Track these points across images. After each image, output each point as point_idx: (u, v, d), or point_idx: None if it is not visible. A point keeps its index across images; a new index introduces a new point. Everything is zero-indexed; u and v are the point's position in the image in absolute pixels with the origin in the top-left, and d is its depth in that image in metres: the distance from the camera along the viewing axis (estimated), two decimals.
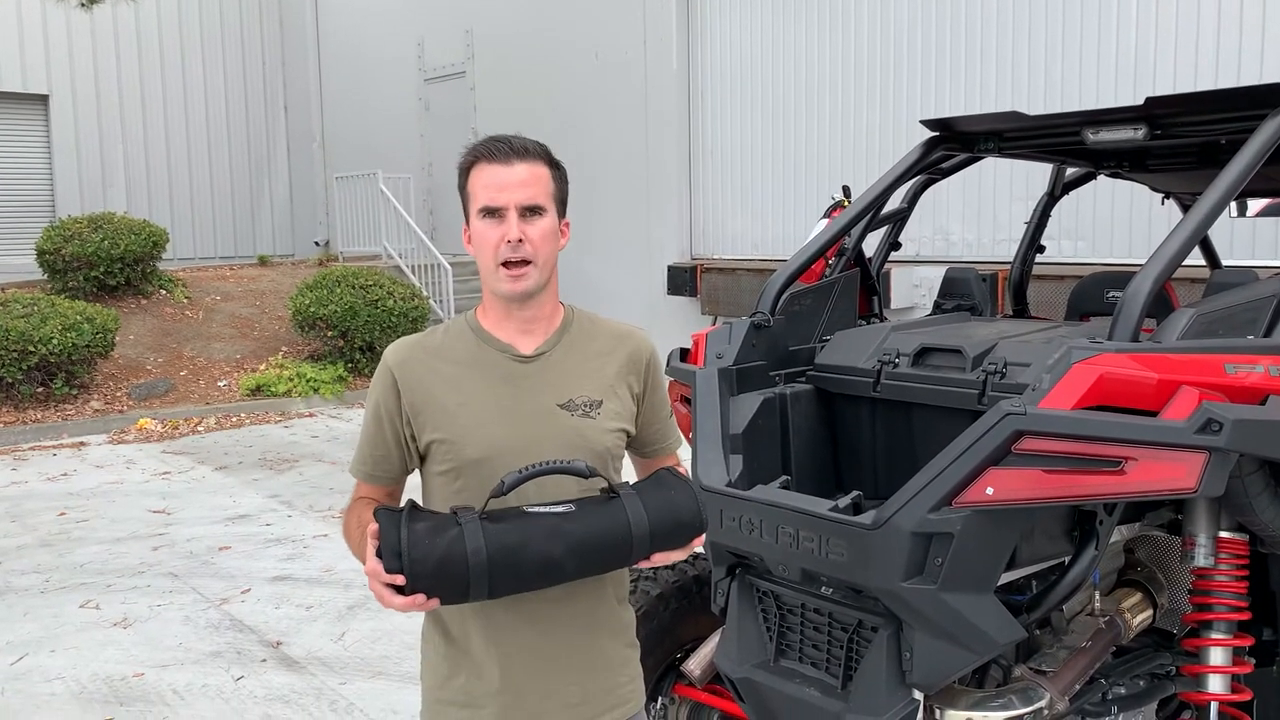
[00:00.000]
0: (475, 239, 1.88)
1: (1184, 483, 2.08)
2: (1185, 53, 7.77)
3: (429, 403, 1.90)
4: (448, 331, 1.99)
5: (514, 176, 1.86)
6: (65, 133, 15.20)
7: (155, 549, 6.20)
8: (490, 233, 1.85)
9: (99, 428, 9.68)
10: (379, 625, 4.97)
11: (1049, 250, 4.58)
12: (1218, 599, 2.61)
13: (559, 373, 1.95)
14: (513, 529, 1.72)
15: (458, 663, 1.93)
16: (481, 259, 1.88)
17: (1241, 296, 2.48)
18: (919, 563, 2.17)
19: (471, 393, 1.90)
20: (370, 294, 11.17)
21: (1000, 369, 2.53)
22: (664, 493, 1.83)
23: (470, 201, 1.88)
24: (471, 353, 1.94)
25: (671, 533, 1.81)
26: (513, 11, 13.46)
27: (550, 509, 1.76)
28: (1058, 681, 2.45)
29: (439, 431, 1.89)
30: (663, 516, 1.80)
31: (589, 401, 1.95)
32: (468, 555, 1.67)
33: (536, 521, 1.74)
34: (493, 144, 1.88)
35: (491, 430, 1.88)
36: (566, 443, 1.91)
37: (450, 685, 1.94)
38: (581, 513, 1.77)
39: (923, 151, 3.28)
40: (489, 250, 1.85)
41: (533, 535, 1.72)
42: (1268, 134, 2.51)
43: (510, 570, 1.71)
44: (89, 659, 4.65)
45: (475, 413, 1.89)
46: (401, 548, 1.64)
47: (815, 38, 10.28)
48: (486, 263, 1.87)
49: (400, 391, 1.90)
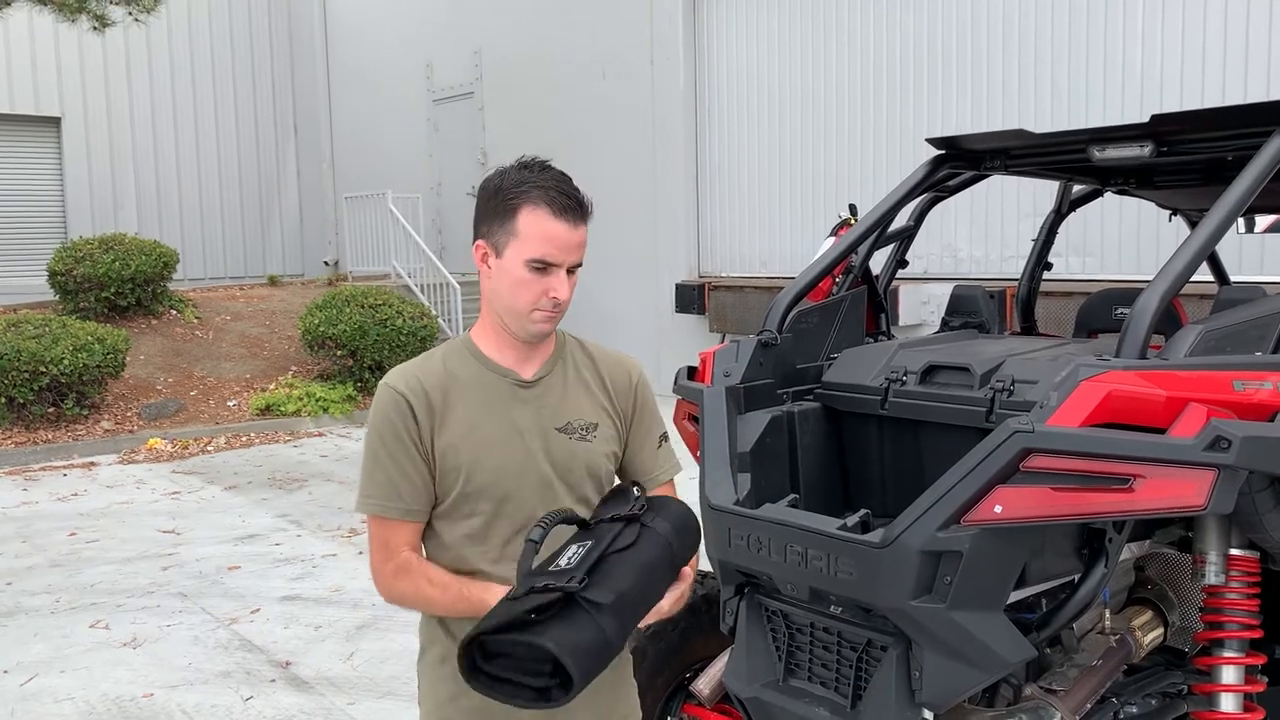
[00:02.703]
0: (514, 282, 1.86)
1: (1193, 500, 2.07)
2: (1192, 69, 7.78)
3: (443, 427, 1.89)
4: (447, 355, 1.98)
5: (576, 239, 1.87)
6: (77, 154, 15.32)
7: (165, 569, 6.21)
8: (535, 284, 1.85)
9: (109, 448, 9.71)
10: (388, 645, 4.96)
11: (1057, 267, 4.58)
12: (1229, 617, 2.59)
13: (557, 396, 1.97)
14: (620, 579, 1.73)
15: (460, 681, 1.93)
16: (515, 301, 1.87)
17: (1249, 313, 2.48)
18: (928, 581, 2.16)
19: (480, 418, 1.91)
20: (379, 313, 11.20)
21: (1008, 386, 2.53)
22: (666, 506, 1.89)
23: (515, 240, 1.85)
24: (475, 377, 1.94)
25: (690, 543, 1.86)
26: (520, 32, 13.54)
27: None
28: (1069, 700, 2.43)
29: (452, 455, 1.89)
30: (676, 523, 1.84)
31: (585, 424, 1.98)
32: (613, 647, 1.69)
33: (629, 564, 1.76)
34: (564, 199, 1.85)
35: (500, 455, 1.90)
36: (566, 466, 1.94)
37: (456, 704, 1.93)
38: (641, 542, 1.79)
39: (929, 170, 3.28)
40: (529, 297, 1.86)
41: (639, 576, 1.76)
42: (1274, 150, 2.51)
43: (634, 625, 1.76)
44: (98, 679, 4.65)
45: (485, 438, 1.90)
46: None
47: (822, 56, 10.32)
48: (520, 306, 1.87)
49: (417, 416, 1.88)
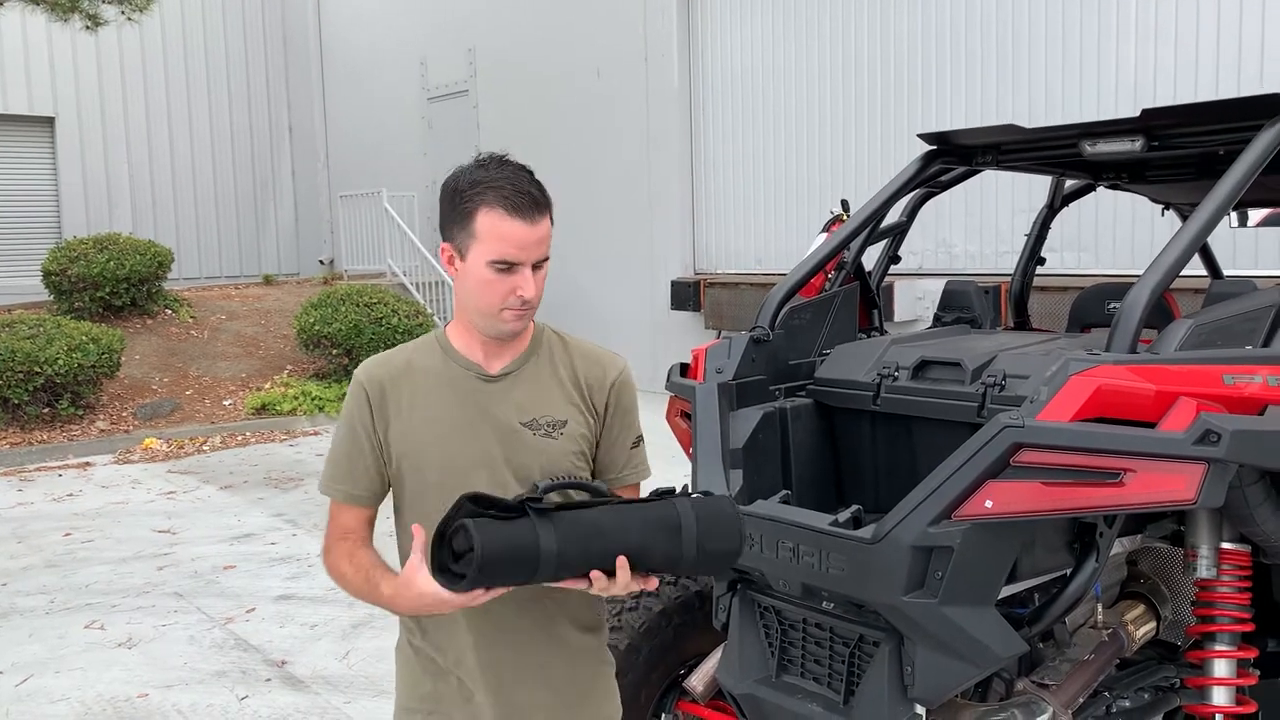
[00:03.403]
0: (478, 284, 1.84)
1: (1183, 494, 2.07)
2: (1185, 64, 7.78)
3: (396, 418, 1.91)
4: (417, 348, 1.99)
5: (535, 235, 1.83)
6: (71, 154, 15.30)
7: (160, 569, 6.20)
8: (500, 284, 1.83)
9: (104, 448, 9.70)
10: (384, 644, 4.96)
11: (1052, 262, 4.59)
12: (1221, 610, 2.60)
13: (524, 392, 1.95)
14: (593, 514, 1.70)
15: (430, 671, 1.97)
16: (482, 301, 1.85)
17: (1240, 307, 2.48)
18: (919, 576, 2.17)
19: (436, 409, 1.91)
20: (374, 312, 11.19)
21: (999, 381, 2.53)
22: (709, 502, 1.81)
23: (475, 242, 1.82)
24: (438, 370, 1.94)
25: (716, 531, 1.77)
26: (515, 30, 13.53)
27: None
28: (1061, 695, 2.44)
29: (404, 446, 1.91)
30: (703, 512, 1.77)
31: (552, 421, 1.94)
32: (540, 550, 1.63)
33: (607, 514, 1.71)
34: (516, 195, 1.81)
35: (452, 447, 1.90)
36: (522, 462, 1.91)
37: (416, 692, 1.98)
38: (635, 506, 1.76)
39: (921, 165, 3.29)
40: (495, 298, 1.84)
41: (604, 525, 1.69)
42: (1263, 144, 2.52)
43: (580, 560, 1.67)
44: (94, 680, 4.64)
45: (438, 429, 1.90)
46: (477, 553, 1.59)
47: (815, 53, 10.32)
48: (487, 306, 1.85)
49: (372, 407, 1.92)
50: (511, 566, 1.62)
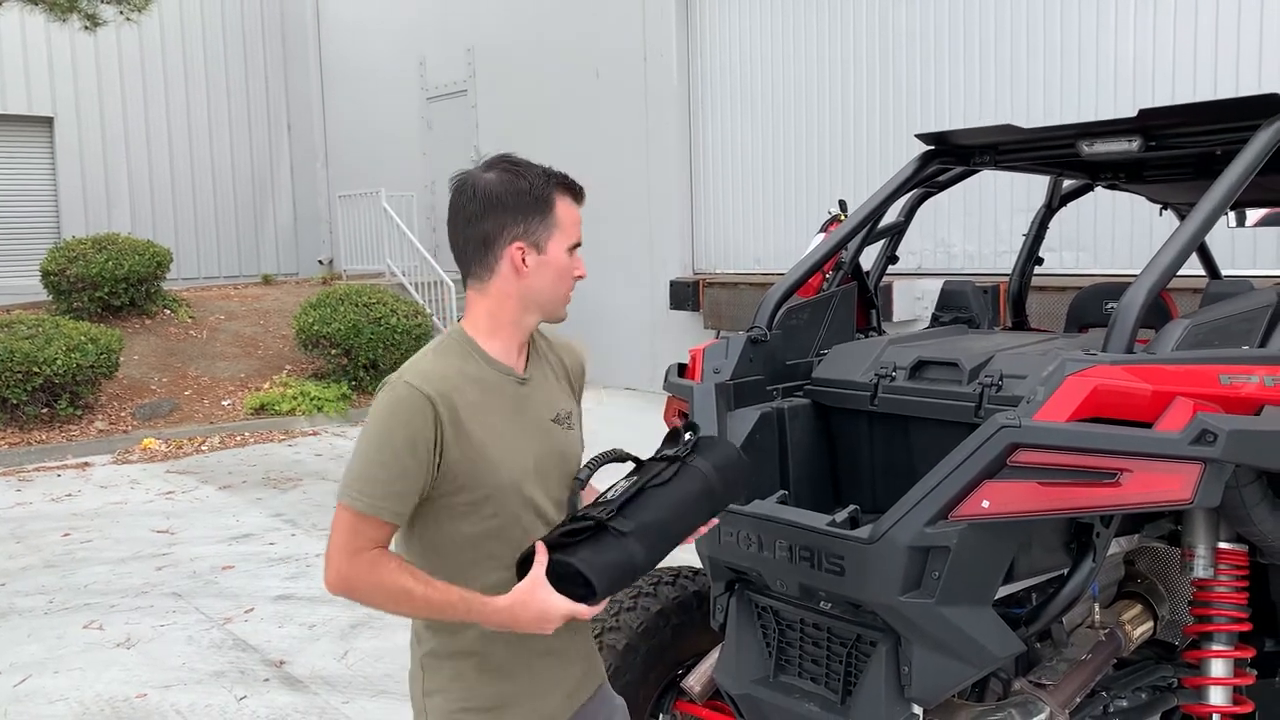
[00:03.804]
0: (558, 272, 1.95)
1: (1179, 494, 2.08)
2: (1184, 62, 7.79)
3: (462, 432, 1.87)
4: (457, 356, 1.94)
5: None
6: (70, 154, 15.29)
7: (159, 569, 6.20)
8: (575, 266, 1.98)
9: (103, 448, 9.70)
10: (382, 644, 4.96)
11: (1051, 262, 4.59)
12: (1218, 610, 2.60)
13: (545, 390, 2.02)
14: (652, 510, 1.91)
15: (481, 673, 1.96)
16: (560, 289, 1.97)
17: (1236, 307, 2.48)
18: (916, 576, 2.17)
19: (493, 418, 1.92)
20: (373, 312, 11.19)
21: (996, 381, 2.54)
22: (713, 447, 2.05)
23: (556, 230, 1.93)
24: (484, 377, 1.94)
25: (734, 479, 2.01)
26: (513, 29, 13.52)
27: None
28: (1058, 694, 2.44)
29: (468, 460, 1.87)
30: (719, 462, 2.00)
31: (567, 413, 2.06)
32: (638, 565, 1.89)
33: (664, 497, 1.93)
34: (575, 183, 1.98)
35: (517, 453, 1.93)
36: (563, 455, 2.01)
37: (479, 694, 1.96)
38: (680, 475, 1.96)
39: (919, 165, 3.29)
40: (569, 280, 1.98)
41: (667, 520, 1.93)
42: (1260, 145, 2.52)
43: (658, 557, 1.92)
44: (92, 680, 4.65)
45: (503, 437, 1.92)
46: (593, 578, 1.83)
47: (815, 53, 10.32)
48: (564, 293, 1.99)
49: (442, 424, 1.85)
50: (620, 583, 1.89)
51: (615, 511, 1.87)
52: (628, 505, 1.89)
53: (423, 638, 2.00)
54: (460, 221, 1.94)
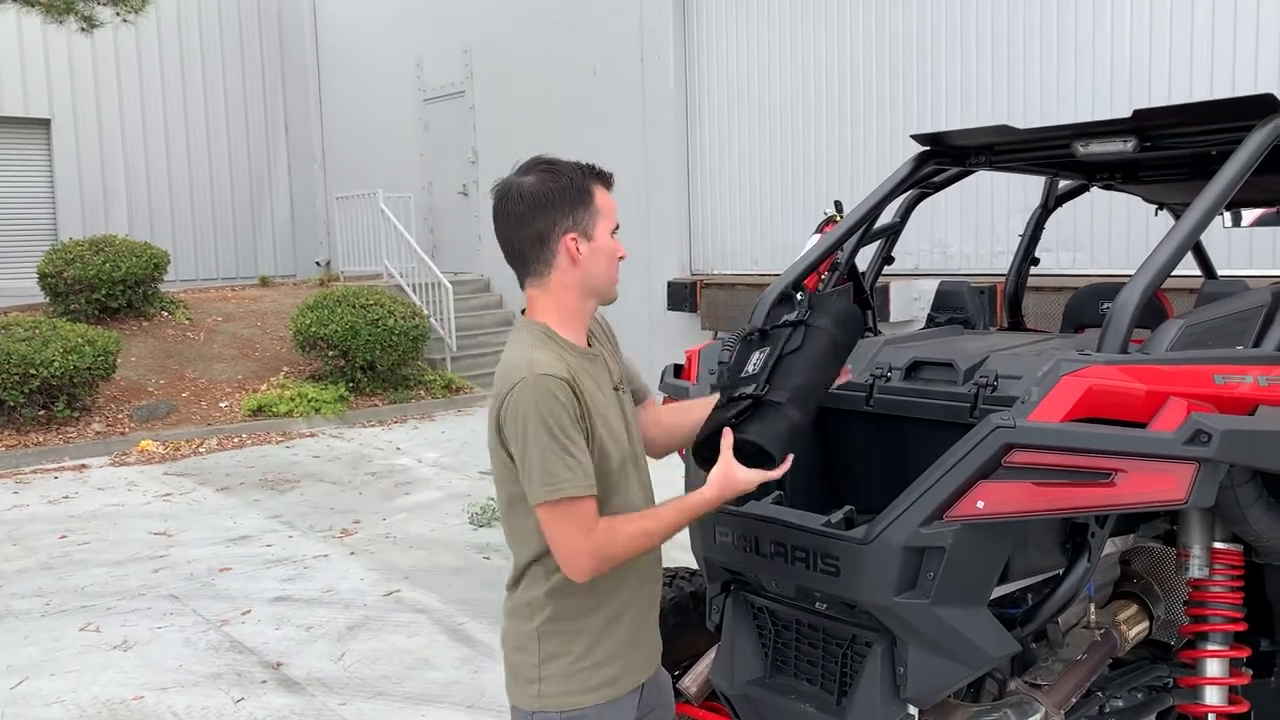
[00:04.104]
0: (608, 255, 2.14)
1: (1174, 494, 2.08)
2: (1180, 64, 7.79)
3: (590, 407, 2.08)
4: (558, 347, 2.10)
5: None
6: (67, 156, 15.28)
7: (156, 571, 6.20)
8: (617, 248, 2.16)
9: (101, 450, 9.69)
10: (379, 645, 4.96)
11: (1047, 262, 4.58)
12: (1213, 610, 2.60)
13: (605, 362, 2.23)
14: (795, 375, 2.19)
15: (600, 638, 2.13)
16: (611, 269, 2.16)
17: (1231, 307, 2.48)
18: (911, 577, 2.17)
19: (597, 398, 2.11)
20: (371, 313, 11.19)
21: (991, 382, 2.53)
22: (826, 304, 2.35)
23: (600, 217, 2.12)
24: (579, 363, 2.12)
25: (853, 327, 2.35)
26: (511, 31, 13.52)
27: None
28: (1053, 695, 2.44)
29: (599, 429, 2.08)
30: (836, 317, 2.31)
31: (621, 377, 2.27)
32: (799, 425, 2.14)
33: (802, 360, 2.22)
34: (605, 171, 2.18)
35: (617, 418, 2.16)
36: (629, 415, 2.23)
37: (597, 655, 2.12)
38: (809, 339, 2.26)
39: (914, 166, 3.28)
40: (615, 261, 2.16)
41: (812, 382, 2.22)
42: (1254, 145, 2.52)
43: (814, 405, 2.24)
44: (89, 682, 4.64)
45: (607, 409, 2.14)
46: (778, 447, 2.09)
47: (812, 53, 10.32)
48: (612, 273, 2.17)
49: (580, 399, 2.04)
50: (791, 445, 2.12)
51: (766, 385, 2.14)
52: (773, 376, 2.16)
53: (539, 608, 2.12)
54: (511, 225, 2.10)
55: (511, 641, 2.18)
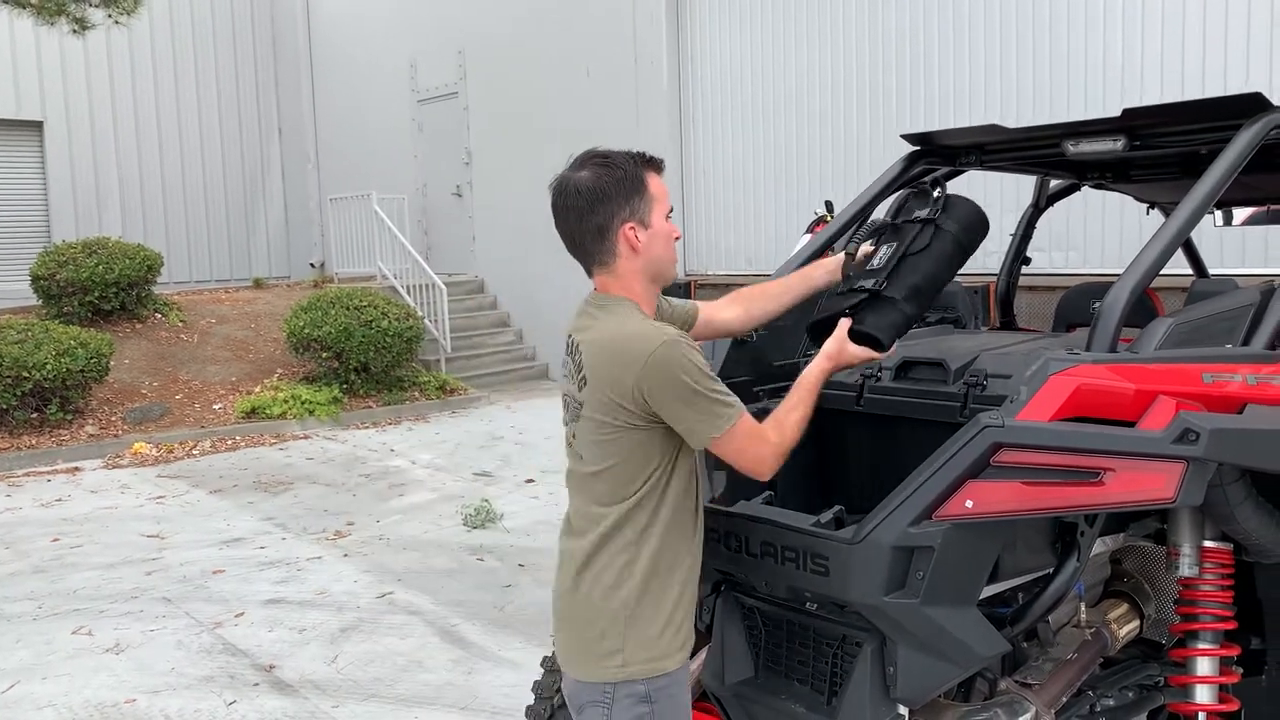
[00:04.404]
0: (665, 238, 2.25)
1: (1162, 493, 2.08)
2: (1172, 62, 7.81)
3: None
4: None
5: None
6: (60, 158, 15.25)
7: (149, 574, 6.18)
8: (672, 229, 2.27)
9: (94, 453, 9.67)
10: (372, 647, 4.95)
11: (1041, 261, 4.60)
12: (1203, 609, 2.60)
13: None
14: (914, 274, 2.46)
15: (671, 599, 2.23)
16: (669, 251, 2.27)
17: (1219, 306, 2.49)
18: (900, 577, 2.17)
19: None
20: (364, 315, 11.16)
21: (981, 381, 2.54)
22: (957, 206, 2.60)
23: (655, 203, 2.23)
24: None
25: (977, 230, 2.60)
26: (504, 32, 13.52)
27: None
28: (1043, 694, 2.44)
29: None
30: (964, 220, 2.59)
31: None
32: (910, 318, 2.46)
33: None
34: (656, 157, 2.27)
35: None
36: None
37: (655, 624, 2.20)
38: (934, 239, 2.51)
39: (904, 166, 3.29)
40: (672, 243, 2.27)
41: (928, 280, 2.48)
42: (1242, 144, 2.52)
43: (929, 301, 2.55)
44: (81, 686, 4.63)
45: None
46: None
47: (805, 54, 10.33)
48: (670, 254, 2.28)
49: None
50: (900, 334, 2.43)
51: (885, 280, 2.40)
52: (894, 274, 2.40)
53: (629, 573, 2.20)
54: (571, 219, 2.22)
55: (585, 616, 2.22)
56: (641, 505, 2.18)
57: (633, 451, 2.17)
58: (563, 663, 2.31)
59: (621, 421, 2.16)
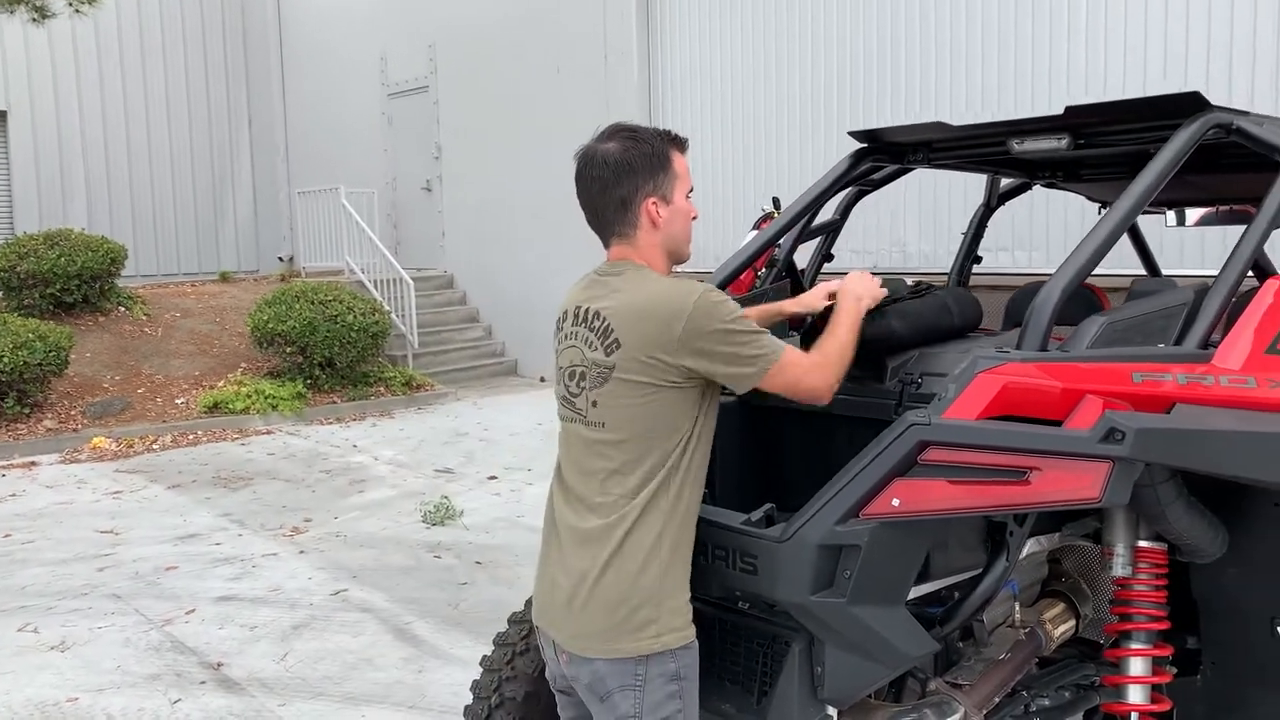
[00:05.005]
0: (685, 216, 2.29)
1: (1088, 492, 2.07)
2: (1134, 64, 7.85)
3: None
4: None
5: None
6: (24, 148, 15.05)
7: (100, 570, 6.10)
8: (691, 208, 2.31)
9: (51, 447, 9.55)
10: (322, 645, 4.90)
11: (1002, 260, 4.59)
12: (1137, 609, 2.60)
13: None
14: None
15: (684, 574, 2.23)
16: (688, 228, 2.31)
17: (1155, 304, 2.48)
18: (827, 576, 2.15)
19: None
20: (330, 309, 11.07)
21: (916, 379, 2.52)
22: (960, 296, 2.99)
23: (678, 181, 2.26)
24: None
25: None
26: (475, 26, 13.45)
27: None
28: (974, 694, 2.43)
29: None
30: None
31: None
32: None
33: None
34: (681, 136, 2.29)
35: None
36: None
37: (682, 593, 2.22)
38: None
39: (851, 163, 3.28)
40: (690, 222, 2.31)
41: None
42: (1179, 143, 2.52)
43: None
44: (23, 684, 4.55)
45: None
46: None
47: (775, 49, 10.32)
48: (687, 232, 2.31)
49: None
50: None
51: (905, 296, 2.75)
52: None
53: (662, 534, 2.18)
54: (595, 190, 2.24)
55: (617, 593, 2.16)
56: (674, 470, 2.18)
57: (663, 413, 2.17)
58: (578, 648, 2.21)
59: (660, 380, 2.15)
